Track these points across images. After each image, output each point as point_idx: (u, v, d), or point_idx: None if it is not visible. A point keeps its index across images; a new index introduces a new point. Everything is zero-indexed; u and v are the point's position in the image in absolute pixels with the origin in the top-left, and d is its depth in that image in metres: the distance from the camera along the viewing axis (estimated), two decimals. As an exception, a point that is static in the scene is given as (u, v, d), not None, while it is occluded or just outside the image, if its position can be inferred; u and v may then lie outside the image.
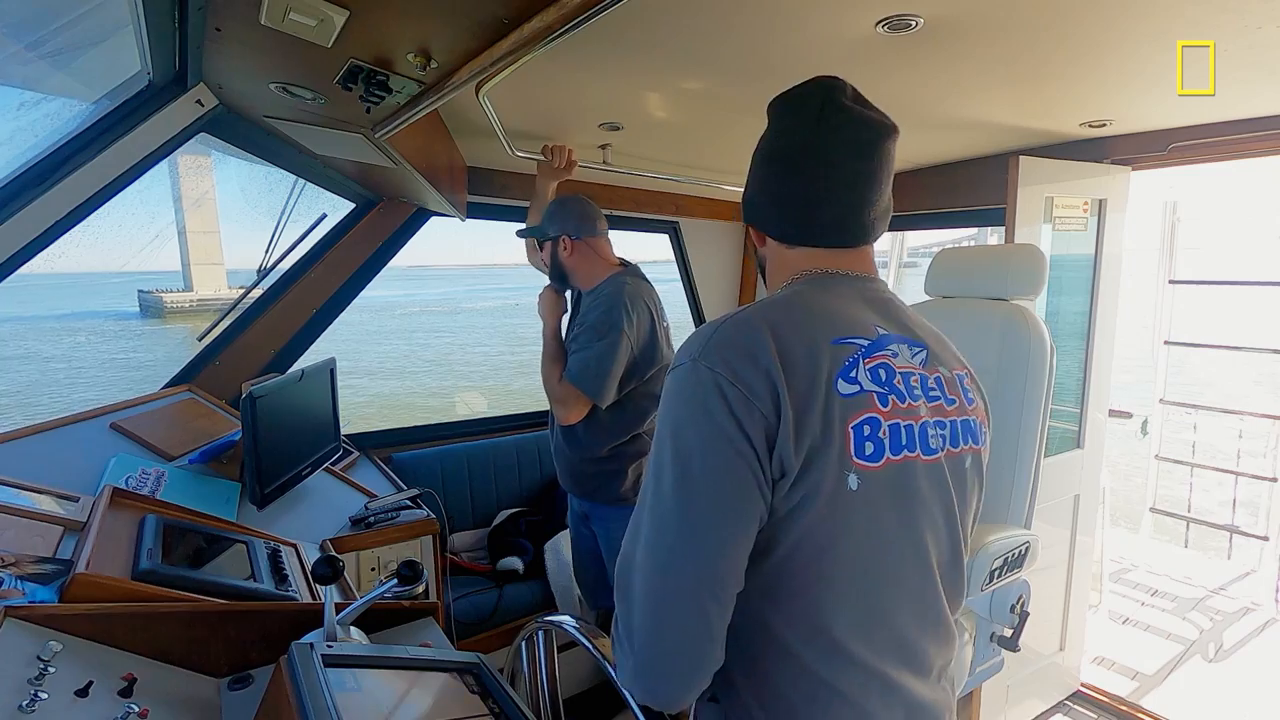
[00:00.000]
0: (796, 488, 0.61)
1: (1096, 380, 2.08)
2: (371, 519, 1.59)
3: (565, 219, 1.75)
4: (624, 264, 1.81)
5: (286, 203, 2.00)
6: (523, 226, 1.95)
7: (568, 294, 1.85)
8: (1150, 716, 2.12)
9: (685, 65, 1.32)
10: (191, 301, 28.91)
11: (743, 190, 0.80)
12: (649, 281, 1.82)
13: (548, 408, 1.81)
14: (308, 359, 2.12)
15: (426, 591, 1.65)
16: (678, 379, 0.64)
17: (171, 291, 30.07)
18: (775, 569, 0.64)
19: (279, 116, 1.41)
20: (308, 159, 1.80)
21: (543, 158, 1.89)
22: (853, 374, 0.65)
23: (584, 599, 2.12)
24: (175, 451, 1.48)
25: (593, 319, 1.68)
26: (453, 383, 16.76)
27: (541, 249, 1.83)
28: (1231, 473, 3.33)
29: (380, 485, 1.92)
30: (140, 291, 31.05)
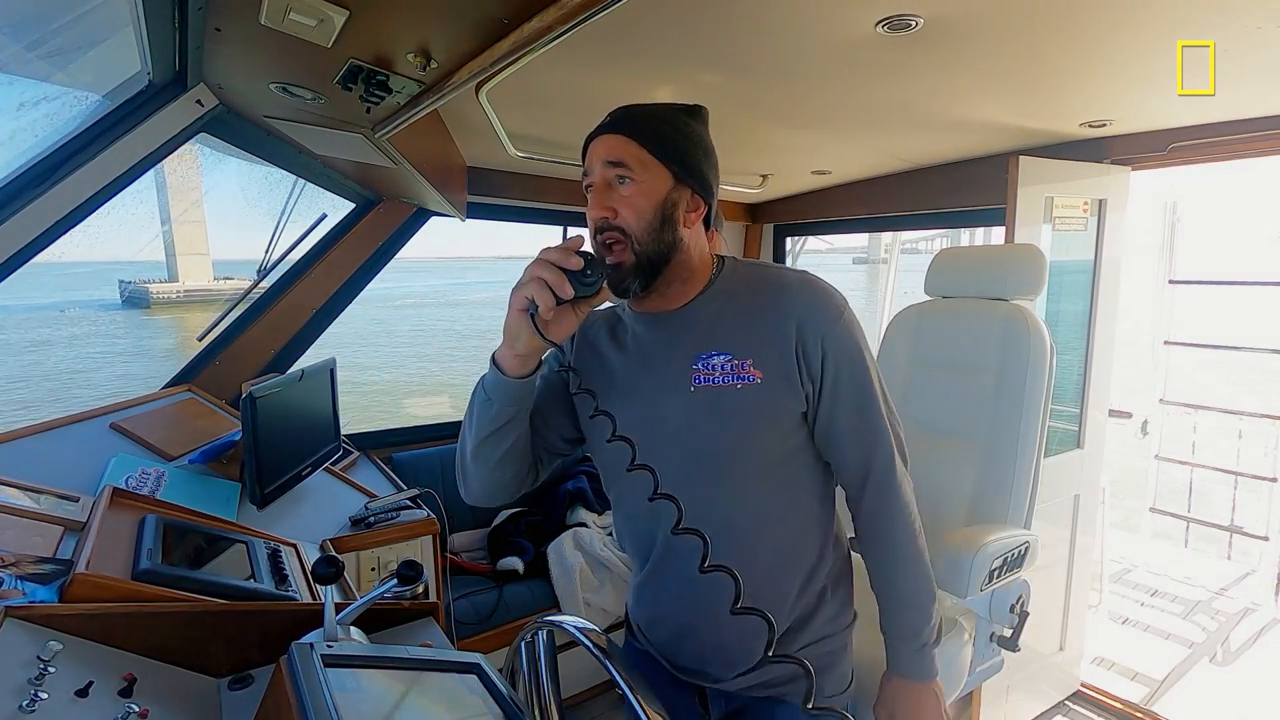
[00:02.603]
0: None
1: (1096, 380, 2.07)
2: (371, 519, 1.59)
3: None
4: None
5: (286, 203, 2.00)
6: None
7: None
8: (1150, 717, 2.12)
9: (685, 65, 1.33)
10: (179, 292, 27.43)
11: (708, 178, 0.87)
12: None
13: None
14: (308, 359, 2.13)
15: (426, 591, 1.65)
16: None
17: (156, 282, 28.56)
18: None
19: (279, 116, 1.41)
20: (308, 159, 1.80)
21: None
22: None
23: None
24: (175, 451, 1.48)
25: None
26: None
27: None
28: (1231, 473, 3.33)
29: (380, 485, 1.92)
30: (121, 281, 29.57)
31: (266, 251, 2.02)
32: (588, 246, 0.80)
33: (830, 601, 0.92)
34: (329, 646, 0.67)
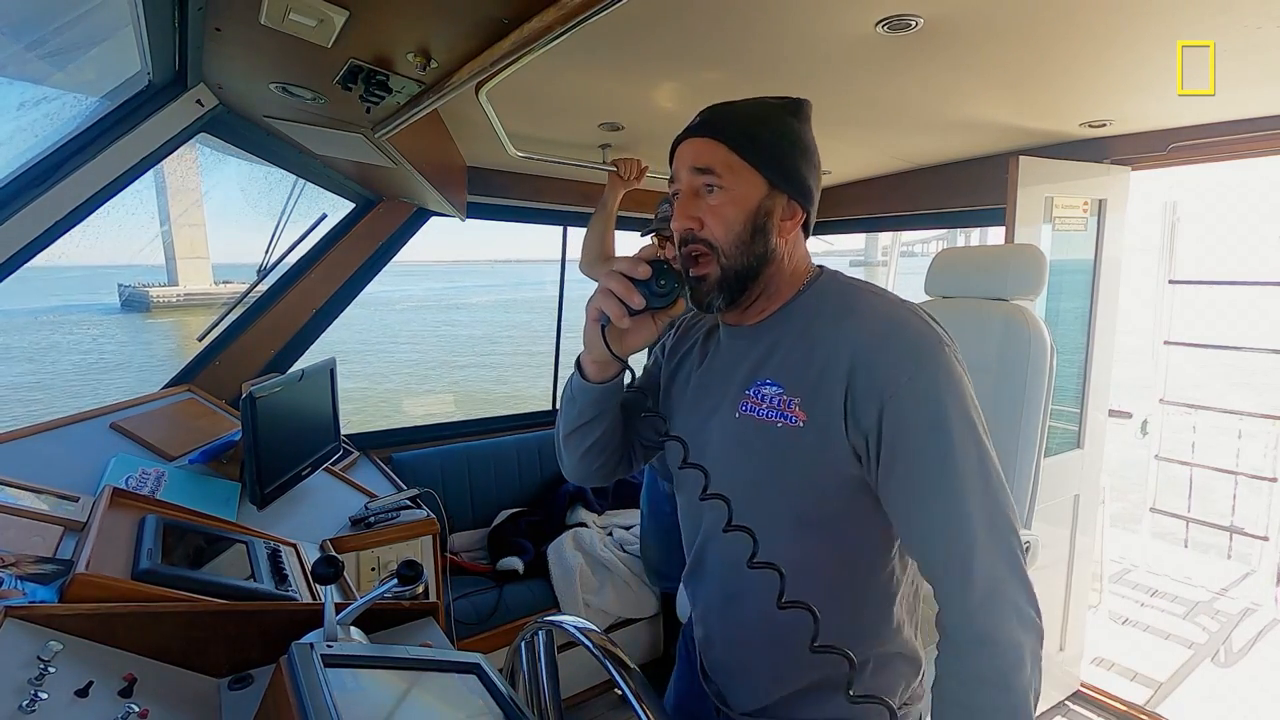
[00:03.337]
0: None
1: (1096, 380, 2.07)
2: (371, 519, 1.59)
3: None
4: None
5: (286, 203, 2.00)
6: (663, 216, 1.92)
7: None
8: (1151, 717, 2.12)
9: (685, 65, 1.33)
10: (179, 296, 27.23)
11: (794, 170, 0.79)
12: None
13: (548, 406, 1.81)
14: (308, 359, 2.13)
15: (426, 591, 1.65)
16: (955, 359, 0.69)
17: (156, 286, 28.31)
18: None
19: (279, 116, 1.41)
20: (308, 159, 1.80)
21: (613, 168, 1.93)
22: None
23: (650, 578, 2.22)
24: (175, 451, 1.48)
25: None
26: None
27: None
28: (1231, 473, 3.33)
29: (380, 485, 1.92)
30: (120, 285, 29.32)
31: (266, 252, 2.02)
32: (667, 254, 0.76)
33: None
34: (329, 646, 0.67)
